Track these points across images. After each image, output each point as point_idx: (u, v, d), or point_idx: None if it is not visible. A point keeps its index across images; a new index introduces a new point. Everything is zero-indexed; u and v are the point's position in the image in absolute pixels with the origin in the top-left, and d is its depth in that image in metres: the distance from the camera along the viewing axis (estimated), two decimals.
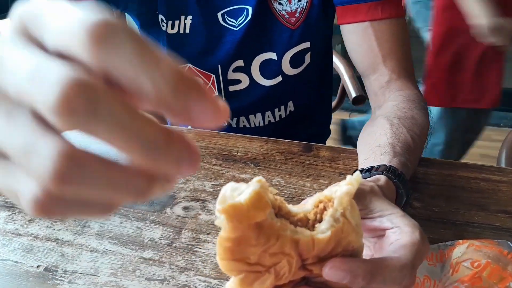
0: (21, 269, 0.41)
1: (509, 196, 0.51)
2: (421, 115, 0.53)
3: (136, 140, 0.14)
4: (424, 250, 0.29)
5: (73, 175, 0.14)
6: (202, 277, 0.40)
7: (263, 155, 0.58)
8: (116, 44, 0.14)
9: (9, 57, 0.14)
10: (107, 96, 0.13)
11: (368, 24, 0.58)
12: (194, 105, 0.15)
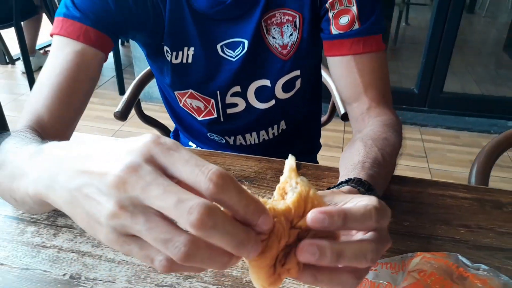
0: (49, 278, 0.48)
1: (470, 211, 0.58)
2: (394, 137, 0.61)
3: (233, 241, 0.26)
4: (383, 209, 0.33)
5: (192, 258, 0.25)
6: (203, 283, 0.47)
7: (256, 173, 0.65)
8: (226, 191, 0.26)
9: (154, 184, 0.26)
10: (223, 217, 0.25)
11: (351, 58, 0.65)
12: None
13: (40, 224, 0.56)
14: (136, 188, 0.26)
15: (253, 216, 0.27)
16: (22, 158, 0.39)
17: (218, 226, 0.25)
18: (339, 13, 0.64)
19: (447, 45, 2.25)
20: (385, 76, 0.68)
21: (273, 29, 0.68)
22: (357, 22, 0.63)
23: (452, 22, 2.20)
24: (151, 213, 0.26)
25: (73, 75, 0.61)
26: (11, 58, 3.20)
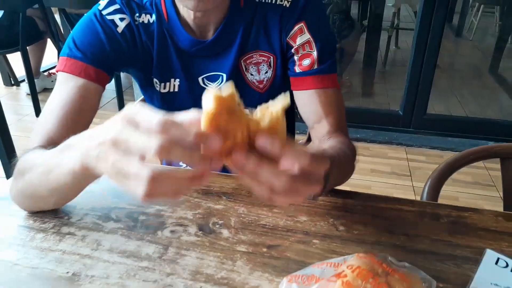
0: (55, 275, 0.59)
1: (411, 222, 0.69)
2: (348, 151, 0.72)
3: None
4: (320, 157, 0.42)
5: (157, 186, 0.38)
6: (182, 280, 0.58)
7: (233, 190, 0.76)
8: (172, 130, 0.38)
9: (133, 135, 0.37)
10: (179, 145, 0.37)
11: (313, 91, 0.77)
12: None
13: (47, 232, 0.66)
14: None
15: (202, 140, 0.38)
16: (52, 154, 0.54)
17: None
18: (302, 57, 0.76)
19: (429, 69, 2.39)
20: (342, 109, 0.80)
21: (251, 68, 0.80)
22: (316, 63, 0.75)
23: (432, 46, 2.33)
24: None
25: (77, 106, 0.72)
26: (16, 80, 3.34)
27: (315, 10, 0.76)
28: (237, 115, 0.40)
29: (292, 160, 0.39)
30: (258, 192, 0.43)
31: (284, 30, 0.77)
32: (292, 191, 0.41)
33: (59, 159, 0.52)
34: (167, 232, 0.66)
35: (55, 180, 0.55)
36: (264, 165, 0.40)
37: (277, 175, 0.40)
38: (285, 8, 0.76)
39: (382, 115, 2.65)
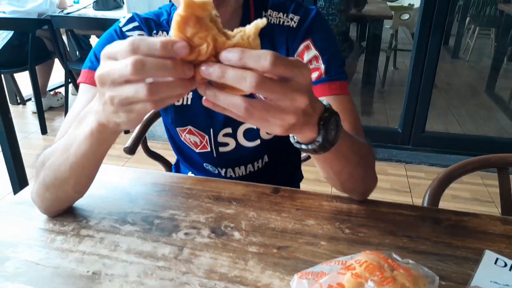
0: (76, 273, 0.62)
1: (413, 225, 0.72)
2: (367, 144, 0.73)
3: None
4: (287, 60, 0.42)
5: (156, 93, 0.43)
6: (197, 278, 0.61)
7: (243, 196, 0.80)
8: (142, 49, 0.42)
9: (110, 66, 0.43)
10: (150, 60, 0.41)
11: (325, 99, 0.80)
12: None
13: (67, 234, 0.69)
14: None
15: (168, 50, 0.40)
16: (70, 132, 0.62)
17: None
18: (311, 70, 0.80)
19: (427, 88, 2.45)
20: (356, 115, 0.81)
21: None
22: (324, 74, 0.79)
23: (429, 67, 2.40)
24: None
25: None
26: (22, 98, 3.40)
27: (321, 29, 0.81)
28: (206, 26, 0.41)
29: (238, 81, 0.40)
30: (233, 104, 0.43)
31: (291, 48, 0.81)
32: (266, 92, 0.42)
33: (76, 132, 0.59)
34: (181, 234, 0.69)
35: (75, 152, 0.60)
36: (228, 68, 0.41)
37: (242, 72, 0.40)
38: (292, 28, 0.81)
39: (382, 132, 2.70)
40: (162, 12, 0.84)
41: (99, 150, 0.61)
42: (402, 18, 3.88)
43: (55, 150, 0.65)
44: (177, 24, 0.40)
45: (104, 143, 0.59)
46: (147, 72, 0.41)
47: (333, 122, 0.53)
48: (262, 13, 0.82)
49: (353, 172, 0.69)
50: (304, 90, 0.45)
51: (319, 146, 0.53)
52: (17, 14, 2.81)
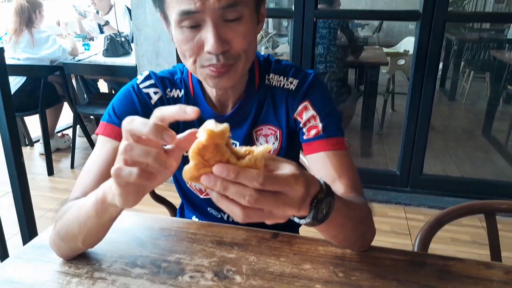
0: None
1: (403, 269, 0.77)
2: (365, 205, 0.77)
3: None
4: (278, 178, 0.48)
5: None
6: None
7: (244, 240, 0.86)
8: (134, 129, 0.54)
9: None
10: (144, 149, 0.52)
11: (323, 154, 0.86)
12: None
13: (81, 277, 0.75)
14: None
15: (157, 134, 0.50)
16: (86, 197, 0.68)
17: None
18: (309, 128, 0.88)
19: (423, 131, 2.53)
20: (354, 170, 0.86)
21: (261, 138, 0.93)
22: (322, 131, 0.87)
23: (425, 109, 2.49)
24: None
25: (111, 165, 0.83)
26: (30, 140, 3.50)
27: (318, 91, 0.89)
28: (222, 151, 0.47)
29: (237, 197, 0.48)
30: (233, 211, 0.50)
31: (290, 109, 0.90)
32: (260, 204, 0.48)
33: (89, 197, 0.67)
34: (186, 277, 0.75)
35: (84, 214, 0.67)
36: (229, 184, 0.47)
37: (241, 190, 0.47)
38: (291, 90, 0.90)
39: (381, 175, 2.76)
40: (176, 70, 0.93)
41: (102, 218, 0.67)
42: (398, 64, 4.04)
43: (71, 207, 0.73)
44: (197, 149, 0.47)
45: (106, 212, 0.65)
46: (134, 156, 0.52)
47: (325, 203, 0.58)
48: (265, 76, 0.92)
49: (349, 234, 0.73)
50: (294, 202, 0.51)
51: (308, 223, 0.59)
52: (31, 61, 2.97)
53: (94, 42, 3.65)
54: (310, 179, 0.55)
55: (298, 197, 0.51)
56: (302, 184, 0.51)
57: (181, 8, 0.71)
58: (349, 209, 0.68)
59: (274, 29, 5.00)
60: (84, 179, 0.82)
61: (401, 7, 6.53)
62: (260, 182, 0.47)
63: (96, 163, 0.83)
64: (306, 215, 0.57)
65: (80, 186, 0.82)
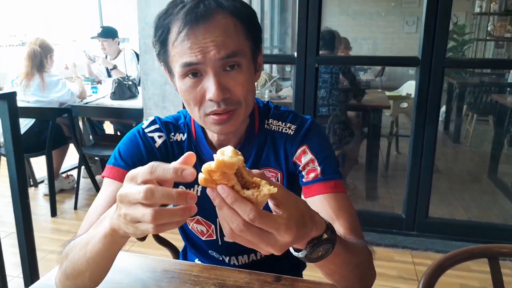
0: None
1: None
2: (364, 247, 0.77)
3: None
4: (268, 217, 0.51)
5: (160, 220, 0.52)
6: None
7: (246, 284, 0.84)
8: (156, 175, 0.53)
9: (129, 189, 0.53)
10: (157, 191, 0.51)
11: (322, 197, 0.86)
12: None
13: None
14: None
15: (178, 177, 0.51)
16: (90, 231, 0.69)
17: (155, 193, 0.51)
18: (308, 172, 0.89)
19: (427, 173, 2.52)
20: (353, 213, 0.87)
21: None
22: (320, 174, 0.88)
23: (428, 152, 2.50)
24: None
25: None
26: (35, 181, 3.52)
27: (315, 135, 0.91)
28: (229, 178, 0.51)
29: (230, 221, 0.51)
30: (223, 225, 0.53)
31: (289, 153, 0.92)
32: (244, 237, 0.52)
33: (94, 232, 0.66)
34: None
35: (91, 249, 0.67)
36: (225, 205, 0.51)
37: (232, 217, 0.51)
38: (289, 135, 0.92)
39: (386, 218, 2.73)
40: (180, 116, 0.97)
41: (111, 250, 0.68)
42: (401, 107, 4.09)
43: (77, 244, 0.72)
44: (207, 170, 0.50)
45: (115, 244, 0.66)
46: (156, 199, 0.51)
47: (323, 248, 0.60)
48: (265, 121, 0.94)
49: (346, 275, 0.73)
50: (277, 246, 0.53)
51: (301, 259, 0.60)
52: (40, 103, 3.04)
53: (102, 86, 3.75)
54: (316, 221, 0.57)
55: (283, 243, 0.53)
56: (290, 234, 0.53)
57: (183, 61, 0.76)
58: (348, 252, 0.69)
59: (277, 73, 5.13)
60: (89, 221, 0.83)
61: (403, 52, 6.72)
62: (250, 218, 0.50)
63: (101, 204, 0.84)
64: (300, 249, 0.60)
65: (86, 227, 0.82)
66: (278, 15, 6.04)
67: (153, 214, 0.51)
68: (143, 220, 0.52)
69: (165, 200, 0.51)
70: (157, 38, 0.80)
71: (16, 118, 1.58)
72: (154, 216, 0.51)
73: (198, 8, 0.74)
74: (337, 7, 7.05)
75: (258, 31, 0.83)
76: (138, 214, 0.52)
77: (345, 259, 0.68)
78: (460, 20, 6.16)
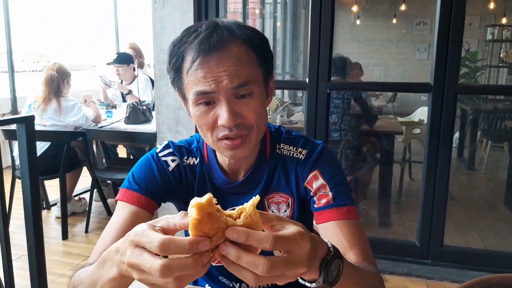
0: None
1: None
2: (376, 274, 0.76)
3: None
4: (286, 239, 0.50)
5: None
6: None
7: None
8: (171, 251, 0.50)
9: (142, 260, 0.51)
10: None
11: (334, 223, 0.85)
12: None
13: None
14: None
15: (194, 248, 0.49)
16: (94, 270, 0.66)
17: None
18: (320, 197, 0.88)
19: (441, 201, 2.48)
20: (365, 240, 0.86)
21: (272, 205, 0.93)
22: (332, 200, 0.87)
23: (442, 179, 2.46)
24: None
25: (129, 228, 0.84)
26: (48, 203, 3.55)
27: (326, 161, 0.91)
28: (216, 218, 0.50)
29: (251, 267, 0.49)
30: (245, 277, 0.51)
31: (300, 178, 0.92)
32: (272, 273, 0.50)
33: (100, 272, 0.64)
34: None
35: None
36: (242, 254, 0.50)
37: (254, 260, 0.49)
38: (300, 160, 0.92)
39: (400, 245, 2.67)
40: (193, 140, 0.98)
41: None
42: (414, 132, 4.07)
43: (83, 281, 0.70)
44: (194, 227, 0.49)
45: (125, 285, 0.64)
46: (173, 273, 0.49)
47: (335, 265, 0.59)
48: (276, 146, 0.95)
49: None
50: (303, 260, 0.53)
51: (319, 287, 0.59)
52: (56, 127, 3.10)
53: (117, 110, 3.82)
54: (317, 239, 0.57)
55: (306, 254, 0.53)
56: (308, 241, 0.53)
57: (197, 89, 0.78)
58: (359, 275, 0.68)
59: (289, 98, 5.17)
60: (102, 244, 0.83)
61: (414, 78, 6.73)
62: (271, 244, 0.49)
63: (115, 228, 0.84)
64: (316, 278, 0.58)
65: (99, 250, 0.82)
66: (290, 42, 6.14)
67: (177, 283, 0.50)
68: (165, 286, 0.50)
69: (181, 271, 0.49)
70: (171, 66, 0.82)
71: (33, 141, 1.61)
72: (178, 284, 0.50)
73: (212, 37, 0.76)
74: (348, 34, 7.14)
75: (270, 58, 0.85)
76: (159, 282, 0.50)
77: (357, 281, 0.67)
78: (472, 47, 6.18)
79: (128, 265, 0.52)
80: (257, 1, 5.08)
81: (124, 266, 0.54)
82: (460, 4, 2.27)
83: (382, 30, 7.17)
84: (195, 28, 0.79)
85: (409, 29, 6.96)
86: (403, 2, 6.30)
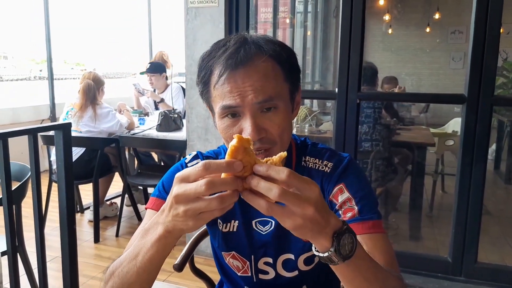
0: None
1: None
2: (397, 278, 0.74)
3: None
4: (299, 178, 0.57)
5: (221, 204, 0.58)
6: None
7: None
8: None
9: (185, 186, 0.59)
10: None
11: (360, 238, 0.80)
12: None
13: None
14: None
15: (230, 168, 0.56)
16: (135, 244, 0.71)
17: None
18: (345, 211, 0.87)
19: (475, 215, 2.39)
20: (392, 254, 0.84)
21: None
22: (358, 214, 0.85)
23: (476, 192, 2.37)
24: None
25: None
26: (82, 207, 3.67)
27: (352, 174, 0.90)
28: (249, 153, 0.58)
29: (267, 171, 0.56)
30: (259, 204, 0.57)
31: (326, 190, 0.90)
32: (282, 199, 0.55)
33: (142, 242, 0.69)
34: None
35: (142, 259, 0.69)
36: (261, 180, 0.56)
37: (269, 185, 0.55)
38: (326, 173, 0.91)
39: (431, 261, 2.59)
40: (220, 151, 1.00)
41: (163, 253, 0.69)
42: (447, 144, 3.95)
43: (123, 260, 0.74)
44: (231, 152, 0.58)
45: (168, 246, 0.68)
46: (216, 188, 0.55)
47: (347, 239, 0.61)
48: (302, 158, 0.95)
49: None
50: (311, 201, 0.57)
51: (332, 256, 0.60)
52: (91, 133, 3.21)
53: (149, 118, 3.91)
54: (327, 208, 0.60)
55: (315, 196, 0.57)
56: (317, 187, 0.58)
57: (223, 103, 0.80)
58: (378, 267, 0.69)
59: (318, 107, 5.14)
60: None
61: (449, 88, 6.55)
62: (286, 175, 0.55)
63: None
64: (328, 247, 0.60)
65: None
66: (320, 51, 6.12)
67: (219, 199, 0.56)
68: (208, 208, 0.56)
69: (223, 187, 0.56)
70: (200, 79, 0.84)
71: (70, 147, 1.67)
72: (220, 201, 0.56)
73: (239, 53, 0.78)
74: (380, 43, 7.05)
75: (296, 73, 0.86)
76: (202, 205, 0.56)
77: (373, 269, 0.68)
78: (510, 57, 5.97)
79: (175, 199, 0.58)
80: (288, 11, 5.11)
81: (169, 217, 0.60)
82: (496, 12, 2.20)
83: (415, 39, 7.04)
84: (224, 43, 0.81)
85: (444, 38, 6.79)
86: (437, 11, 6.17)
